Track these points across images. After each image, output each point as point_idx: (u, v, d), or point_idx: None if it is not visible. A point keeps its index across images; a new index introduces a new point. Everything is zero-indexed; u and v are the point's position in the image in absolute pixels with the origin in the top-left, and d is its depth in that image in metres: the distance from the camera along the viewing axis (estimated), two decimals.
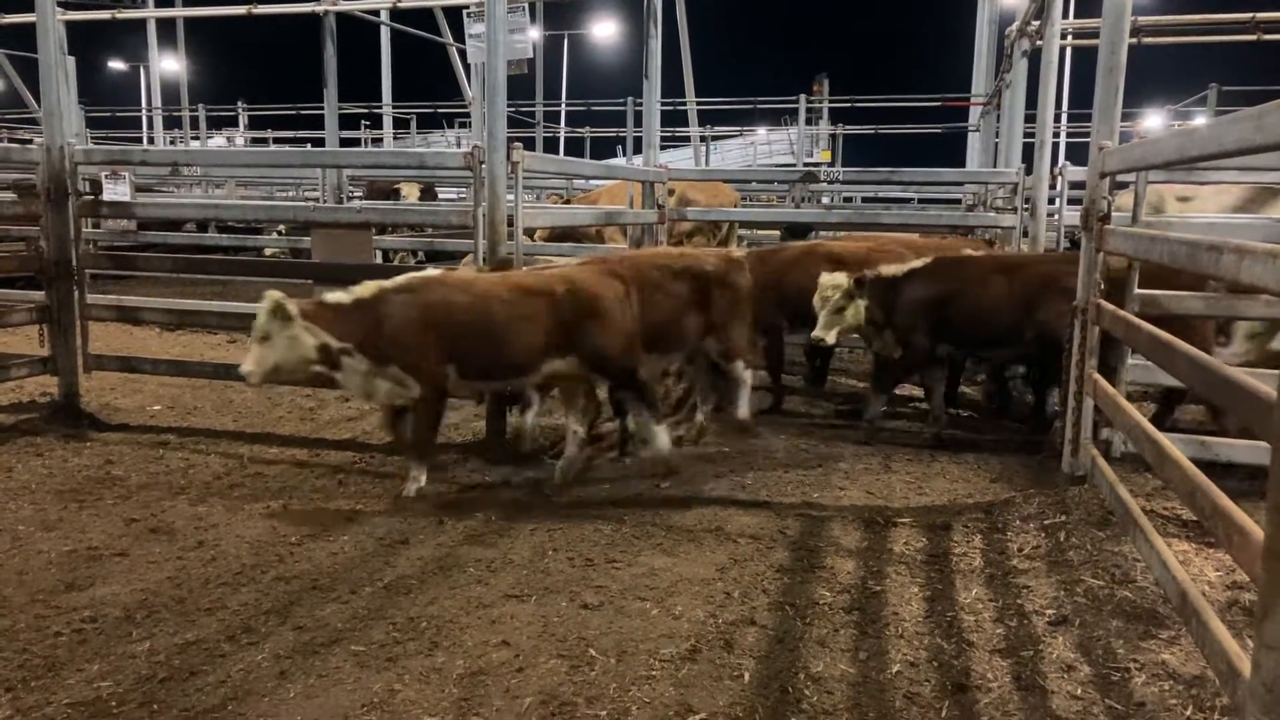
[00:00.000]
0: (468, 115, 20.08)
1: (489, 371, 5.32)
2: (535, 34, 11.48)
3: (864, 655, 3.51)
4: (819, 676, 3.35)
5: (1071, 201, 8.91)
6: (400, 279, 5.25)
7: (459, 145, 20.88)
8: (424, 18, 18.12)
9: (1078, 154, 16.27)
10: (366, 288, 5.15)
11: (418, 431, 5.28)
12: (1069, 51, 16.85)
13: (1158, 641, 3.60)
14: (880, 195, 16.99)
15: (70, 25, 12.61)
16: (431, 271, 5.49)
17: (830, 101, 21.54)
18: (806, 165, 15.88)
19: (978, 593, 4.06)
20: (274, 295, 4.93)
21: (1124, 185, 6.17)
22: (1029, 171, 8.23)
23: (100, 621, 3.65)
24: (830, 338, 6.45)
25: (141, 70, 27.78)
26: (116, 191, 7.37)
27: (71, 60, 11.12)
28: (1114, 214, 4.90)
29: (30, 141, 15.14)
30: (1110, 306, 4.70)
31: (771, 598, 4.00)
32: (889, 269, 6.46)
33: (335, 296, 5.14)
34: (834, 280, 6.40)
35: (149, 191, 12.38)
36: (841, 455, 6.19)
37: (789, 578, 4.21)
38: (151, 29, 22.21)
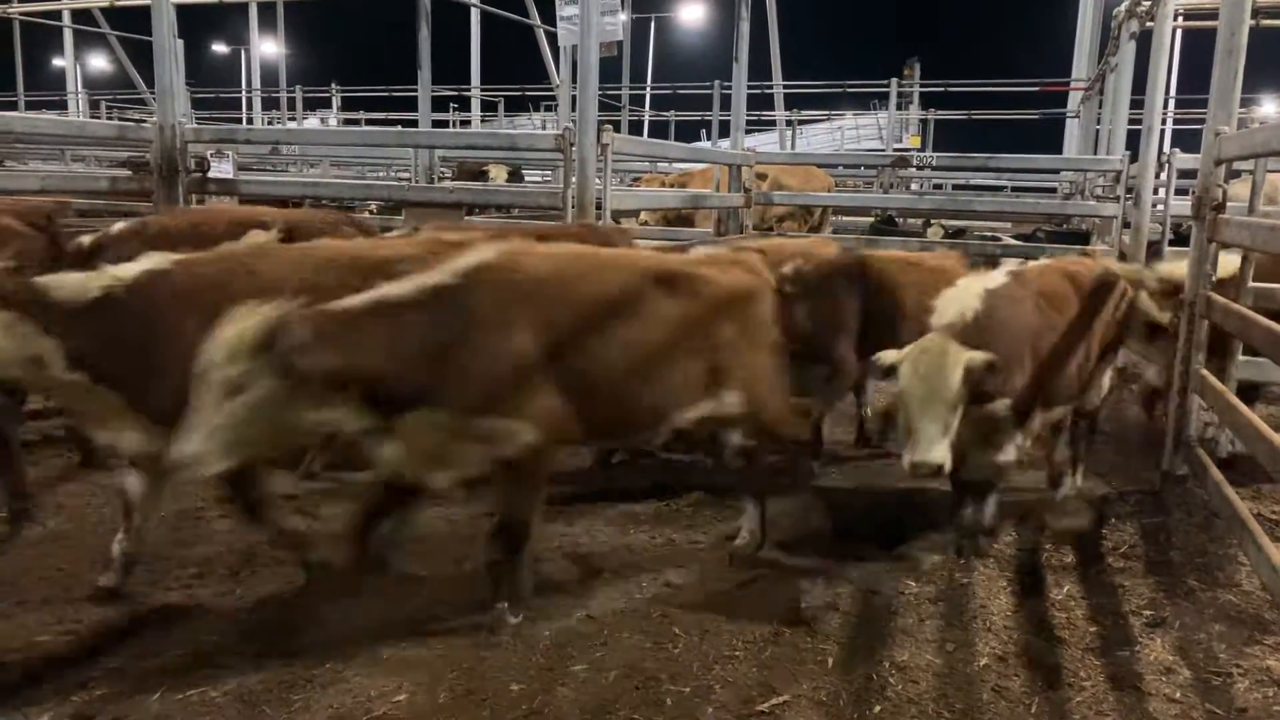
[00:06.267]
0: (554, 99, 20.22)
1: None
2: (624, 17, 11.50)
3: (950, 647, 3.47)
4: (904, 665, 3.32)
5: (1179, 191, 8.54)
6: None
7: (544, 128, 21.05)
8: (514, 1, 18.30)
9: (1182, 141, 15.57)
10: None
11: None
12: (1178, 34, 16.11)
13: (1263, 647, 3.47)
14: (970, 182, 16.52)
15: (178, 9, 13.10)
16: None
17: (922, 86, 21.00)
18: (897, 151, 15.56)
19: (1070, 590, 3.95)
20: None
21: (1236, 175, 5.88)
22: (1134, 159, 7.91)
23: (206, 578, 3.82)
24: None
25: (242, 53, 28.74)
26: (221, 169, 7.66)
27: (180, 43, 11.56)
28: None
29: (140, 121, 15.81)
30: (1222, 300, 4.51)
31: (854, 585, 3.96)
32: None
33: None
34: None
35: (248, 170, 12.83)
36: None
37: (872, 566, 4.16)
38: (253, 13, 22.96)
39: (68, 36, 24.33)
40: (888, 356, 3.70)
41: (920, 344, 3.67)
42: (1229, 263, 4.95)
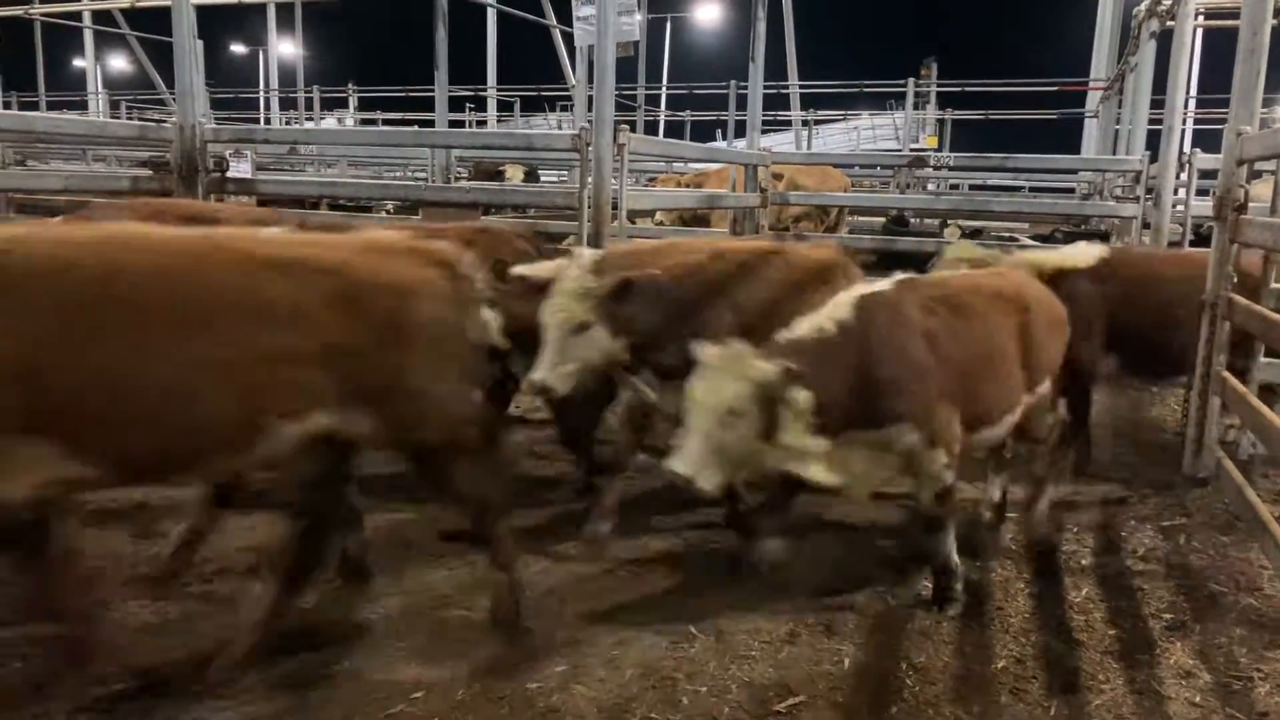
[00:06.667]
0: (569, 99, 20.25)
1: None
2: (640, 16, 11.51)
3: (968, 649, 3.46)
4: (921, 666, 3.31)
5: (1200, 192, 8.47)
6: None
7: (559, 128, 21.09)
8: (530, 1, 18.32)
9: (1203, 141, 15.44)
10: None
11: None
12: (1198, 33, 15.98)
13: None
14: (988, 183, 16.44)
15: (197, 9, 13.16)
16: None
17: (939, 86, 20.91)
18: (914, 151, 15.51)
19: (1089, 592, 3.93)
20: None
21: (1258, 175, 5.84)
22: (1155, 159, 7.86)
23: (225, 575, 3.84)
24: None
25: (260, 53, 28.90)
26: (239, 169, 7.71)
27: (200, 44, 11.64)
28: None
29: (160, 121, 15.93)
30: (1244, 301, 4.47)
31: (872, 586, 3.96)
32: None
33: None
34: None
35: (266, 170, 12.91)
36: None
37: (890, 567, 4.15)
38: (271, 13, 23.08)
39: (88, 37, 24.52)
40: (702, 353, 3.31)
41: (724, 349, 3.29)
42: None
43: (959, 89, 20.29)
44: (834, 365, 3.38)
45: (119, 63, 31.89)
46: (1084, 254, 5.18)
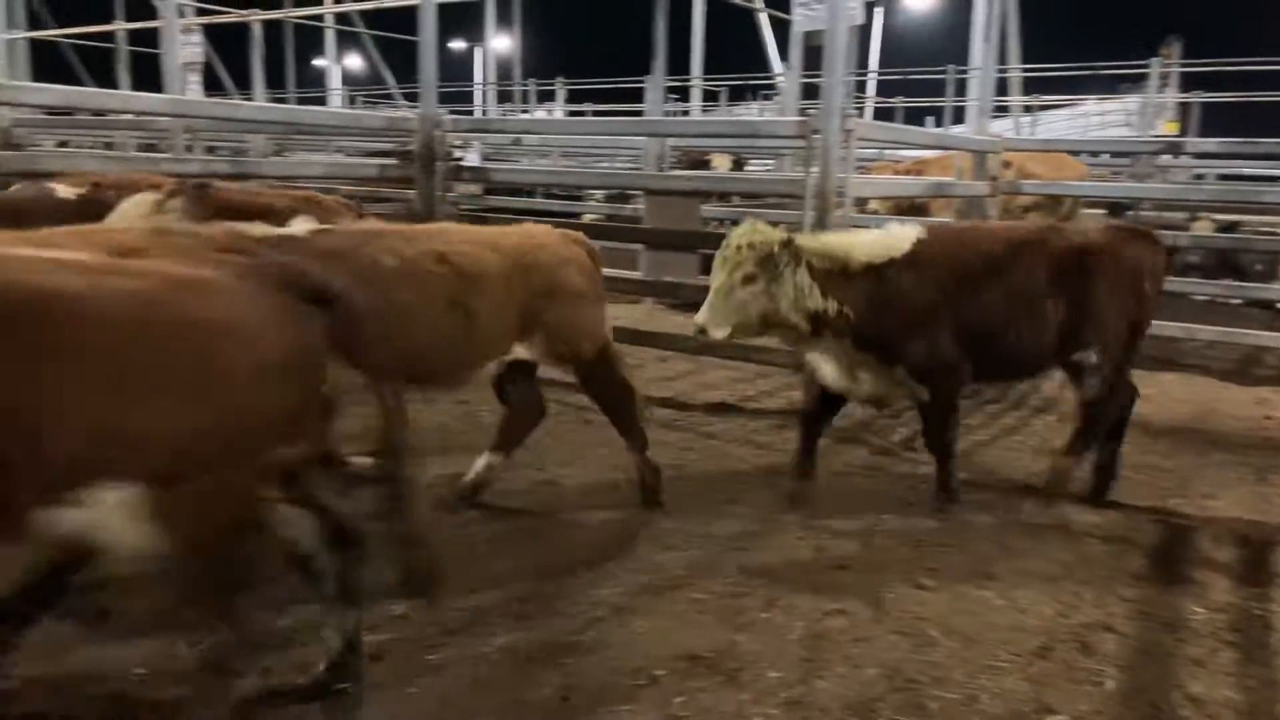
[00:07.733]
0: (771, 88, 20.01)
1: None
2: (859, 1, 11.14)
3: (1252, 683, 3.13)
4: (1198, 698, 3.03)
5: None
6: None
7: (761, 116, 20.88)
8: None
9: None
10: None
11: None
12: None
13: None
14: (1241, 172, 14.82)
15: None
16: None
17: (1184, 67, 19.03)
18: (1161, 138, 14.22)
19: None
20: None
21: None
22: None
23: (472, 544, 4.05)
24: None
25: (477, 49, 30.38)
26: (468, 159, 8.16)
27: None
28: None
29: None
30: None
31: (1129, 606, 3.67)
32: None
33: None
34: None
35: (489, 160, 13.56)
36: (1205, 463, 5.49)
37: (1148, 587, 3.84)
38: (490, 10, 24.24)
39: (329, 37, 26.56)
40: None
41: None
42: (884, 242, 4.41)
43: (1210, 69, 18.39)
44: None
45: (349, 60, 34.44)
46: (896, 238, 4.41)
